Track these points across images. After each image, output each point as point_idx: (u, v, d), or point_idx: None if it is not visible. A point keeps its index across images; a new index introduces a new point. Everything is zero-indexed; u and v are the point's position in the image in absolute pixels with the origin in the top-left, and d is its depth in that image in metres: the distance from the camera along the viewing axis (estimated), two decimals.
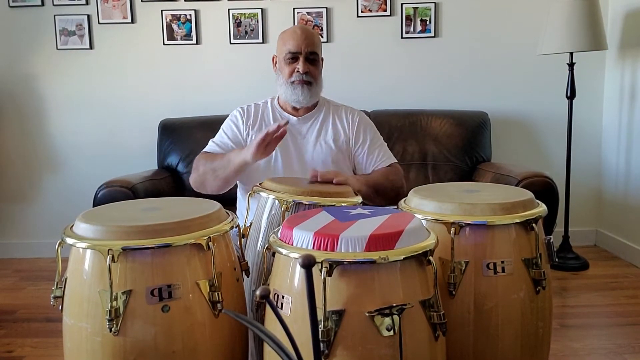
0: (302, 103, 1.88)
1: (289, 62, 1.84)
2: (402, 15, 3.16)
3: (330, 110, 1.97)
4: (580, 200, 3.25)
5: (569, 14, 2.74)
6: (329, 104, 2.00)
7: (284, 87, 1.87)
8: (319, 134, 1.91)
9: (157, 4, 3.17)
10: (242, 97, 3.14)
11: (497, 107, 3.20)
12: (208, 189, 1.84)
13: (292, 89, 1.84)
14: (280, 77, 1.88)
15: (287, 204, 1.34)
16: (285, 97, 1.89)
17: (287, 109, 1.94)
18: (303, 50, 1.82)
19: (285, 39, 1.86)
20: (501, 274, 1.25)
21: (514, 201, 1.30)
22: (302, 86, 1.84)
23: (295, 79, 1.83)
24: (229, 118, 1.98)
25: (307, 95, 1.85)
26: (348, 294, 1.00)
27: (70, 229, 1.16)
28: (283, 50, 1.85)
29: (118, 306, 1.05)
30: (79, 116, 3.26)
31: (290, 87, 1.85)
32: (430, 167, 2.95)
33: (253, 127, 1.91)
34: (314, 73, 1.85)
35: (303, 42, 1.82)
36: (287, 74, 1.84)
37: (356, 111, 2.00)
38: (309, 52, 1.83)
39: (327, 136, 1.91)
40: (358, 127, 1.95)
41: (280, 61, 1.88)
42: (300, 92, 1.84)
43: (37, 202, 3.32)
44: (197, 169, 1.86)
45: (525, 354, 1.29)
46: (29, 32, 3.20)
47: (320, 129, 1.92)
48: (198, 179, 1.85)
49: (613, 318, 2.27)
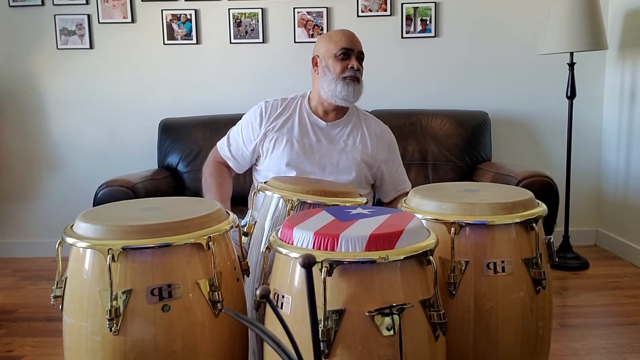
0: (349, 101, 1.86)
1: (341, 57, 1.84)
2: (402, 15, 3.16)
3: (360, 119, 1.97)
4: (580, 200, 3.25)
5: (569, 14, 2.74)
6: (358, 112, 1.99)
7: (334, 84, 1.83)
8: (347, 142, 1.91)
9: (157, 4, 3.17)
10: (242, 96, 3.16)
11: (497, 107, 3.20)
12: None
13: (342, 85, 1.83)
14: (327, 75, 1.85)
15: (292, 202, 1.34)
16: (332, 94, 1.84)
17: (318, 112, 1.92)
18: (356, 48, 1.85)
19: (336, 38, 1.86)
20: (501, 274, 1.25)
21: (514, 201, 1.30)
22: (354, 83, 1.84)
23: (347, 74, 1.83)
24: (251, 113, 1.95)
25: (357, 93, 1.86)
26: (348, 293, 1.00)
27: (71, 229, 1.16)
28: (333, 48, 1.85)
29: (118, 306, 1.05)
30: (79, 116, 3.26)
31: (342, 83, 1.83)
32: (430, 167, 2.95)
33: (273, 122, 1.89)
34: (361, 73, 1.88)
35: (356, 41, 1.87)
36: (340, 69, 1.83)
37: (385, 127, 2.02)
38: (359, 51, 1.87)
39: (354, 145, 1.90)
40: (385, 144, 1.96)
41: (329, 58, 1.85)
42: (352, 89, 1.83)
43: (37, 201, 3.32)
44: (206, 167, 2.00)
45: (525, 353, 1.29)
46: (29, 31, 3.20)
47: (349, 137, 1.91)
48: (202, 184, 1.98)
49: (613, 318, 2.27)
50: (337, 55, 1.84)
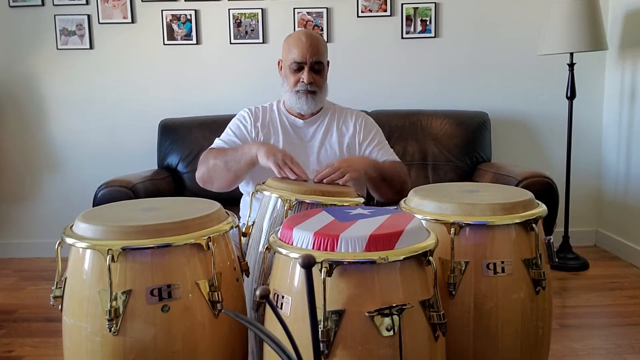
0: (306, 111, 1.89)
1: (293, 71, 1.84)
2: (403, 15, 3.16)
3: (335, 114, 1.97)
4: (580, 201, 3.25)
5: (569, 14, 2.74)
6: (334, 107, 2.00)
7: (289, 95, 1.87)
8: (324, 138, 1.92)
9: (157, 4, 3.17)
10: (242, 97, 3.16)
11: (497, 107, 3.20)
12: (216, 184, 1.80)
13: (296, 98, 1.85)
14: (285, 84, 1.88)
15: (290, 202, 1.34)
16: (289, 104, 1.90)
17: (293, 112, 1.94)
18: (308, 60, 1.81)
19: (290, 46, 1.84)
20: (501, 274, 1.25)
21: (514, 201, 1.30)
22: (307, 96, 1.84)
23: (300, 88, 1.83)
24: (237, 118, 1.96)
25: (312, 104, 1.86)
26: (348, 294, 1.00)
27: (70, 229, 1.16)
28: (288, 58, 1.84)
29: (118, 306, 1.05)
30: (79, 116, 3.26)
31: (295, 96, 1.85)
32: (430, 167, 2.95)
33: (262, 130, 1.91)
34: (318, 82, 1.85)
35: (308, 52, 1.80)
36: (292, 83, 1.84)
37: (362, 114, 2.01)
38: (314, 62, 1.82)
39: (332, 140, 1.92)
40: (365, 129, 1.95)
41: (285, 68, 1.87)
42: (305, 102, 1.84)
43: (37, 202, 3.32)
44: (205, 163, 1.81)
45: (525, 354, 1.29)
46: (29, 32, 3.19)
47: (326, 133, 1.93)
48: (207, 174, 1.80)
49: (613, 318, 2.27)
50: (290, 67, 1.84)
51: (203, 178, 1.82)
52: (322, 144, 1.91)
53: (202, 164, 1.82)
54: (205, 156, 1.83)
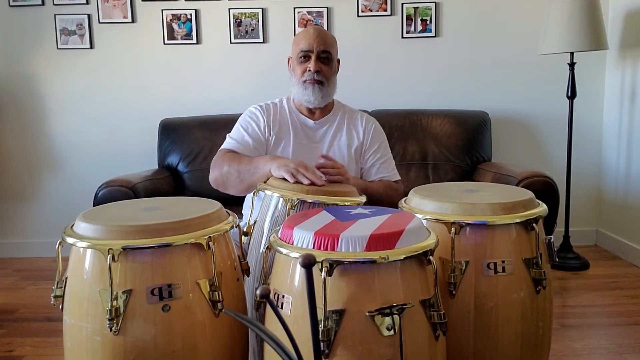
0: (313, 103, 1.85)
1: (301, 61, 1.83)
2: (403, 15, 3.16)
3: (345, 115, 1.96)
4: (580, 200, 3.25)
5: (569, 14, 2.74)
6: (344, 108, 1.98)
7: (297, 87, 1.85)
8: (333, 140, 1.91)
9: (157, 4, 3.17)
10: (242, 96, 3.16)
11: (497, 107, 3.20)
12: (230, 190, 1.77)
13: (303, 88, 1.82)
14: (293, 77, 1.87)
15: (292, 202, 1.34)
16: (297, 97, 1.87)
17: (303, 111, 1.91)
18: (315, 49, 1.80)
19: (299, 39, 1.85)
20: (501, 274, 1.25)
21: (514, 201, 1.30)
22: (314, 85, 1.81)
23: (306, 77, 1.81)
24: (247, 115, 1.92)
25: (319, 95, 1.82)
26: (348, 293, 1.00)
27: (71, 229, 1.16)
28: (296, 50, 1.84)
29: (118, 305, 1.05)
30: (79, 116, 3.26)
31: (302, 87, 1.82)
32: (430, 167, 2.95)
33: (274, 128, 1.87)
34: (326, 73, 1.83)
35: (315, 41, 1.80)
36: (300, 73, 1.83)
37: (372, 119, 2.00)
38: (321, 51, 1.81)
39: (340, 142, 1.90)
40: (373, 136, 1.94)
41: (294, 61, 1.86)
42: (312, 92, 1.81)
43: (37, 201, 3.32)
44: (219, 167, 1.76)
45: (525, 353, 1.29)
46: (29, 31, 3.19)
47: (335, 135, 1.91)
48: (220, 179, 1.76)
49: (613, 318, 2.27)
50: (298, 57, 1.83)
51: (217, 182, 1.79)
52: (331, 145, 1.90)
53: (216, 167, 1.78)
54: (219, 160, 1.79)
